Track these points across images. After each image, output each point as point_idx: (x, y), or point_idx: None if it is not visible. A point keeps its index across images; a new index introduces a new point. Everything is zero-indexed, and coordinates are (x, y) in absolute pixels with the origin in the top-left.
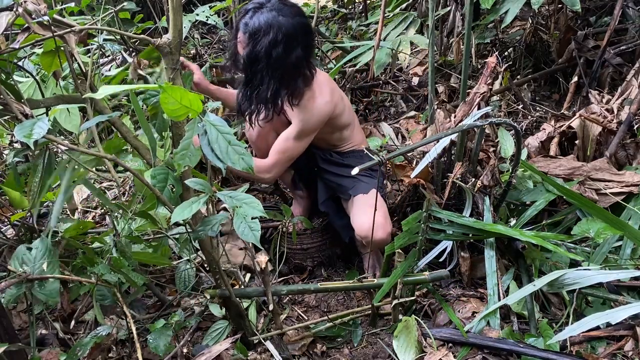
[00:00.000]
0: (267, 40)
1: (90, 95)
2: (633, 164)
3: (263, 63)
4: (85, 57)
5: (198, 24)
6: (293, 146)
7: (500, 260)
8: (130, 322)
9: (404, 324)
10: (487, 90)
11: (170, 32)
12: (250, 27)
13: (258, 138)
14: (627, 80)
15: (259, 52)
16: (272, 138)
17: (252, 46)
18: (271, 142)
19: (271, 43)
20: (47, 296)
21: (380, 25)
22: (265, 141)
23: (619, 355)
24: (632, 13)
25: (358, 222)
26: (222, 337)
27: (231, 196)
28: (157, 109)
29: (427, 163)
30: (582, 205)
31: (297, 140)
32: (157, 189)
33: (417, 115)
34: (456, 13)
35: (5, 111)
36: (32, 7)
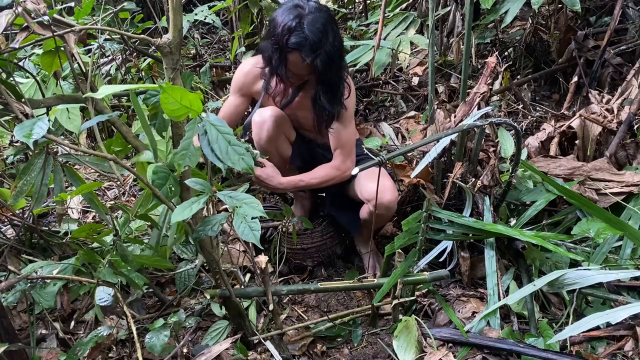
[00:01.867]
0: (332, 38)
1: (91, 95)
2: (633, 164)
3: (337, 62)
4: (85, 57)
5: (198, 24)
6: (349, 134)
7: (500, 260)
8: (130, 322)
9: (404, 324)
10: (487, 90)
11: (170, 32)
12: (315, 30)
13: (268, 142)
14: (627, 80)
15: (332, 52)
16: (282, 141)
17: (326, 48)
18: (280, 145)
19: (335, 40)
20: (43, 298)
21: (380, 25)
22: (275, 145)
23: (619, 355)
24: (632, 13)
25: (365, 188)
26: (222, 337)
27: (231, 196)
28: (157, 109)
29: (427, 163)
30: (582, 205)
31: (348, 127)
32: (156, 186)
33: (417, 115)
34: (456, 13)
35: (5, 111)
36: (32, 7)
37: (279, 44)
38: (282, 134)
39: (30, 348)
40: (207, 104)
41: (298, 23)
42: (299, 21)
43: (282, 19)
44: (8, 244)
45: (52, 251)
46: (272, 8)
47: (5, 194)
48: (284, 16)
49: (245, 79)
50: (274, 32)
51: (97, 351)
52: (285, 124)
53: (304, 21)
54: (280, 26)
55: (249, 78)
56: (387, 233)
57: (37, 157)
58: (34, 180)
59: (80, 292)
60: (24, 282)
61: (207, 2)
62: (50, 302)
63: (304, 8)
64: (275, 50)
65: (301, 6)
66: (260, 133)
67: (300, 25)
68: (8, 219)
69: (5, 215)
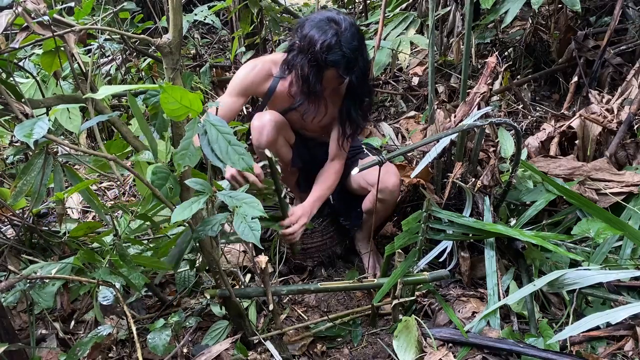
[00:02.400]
0: (364, 54)
1: (91, 96)
2: (633, 164)
3: (367, 77)
4: (85, 57)
5: (198, 24)
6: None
7: (500, 260)
8: (130, 322)
9: (404, 324)
10: (487, 90)
11: (170, 32)
12: (353, 48)
13: (268, 147)
14: (627, 80)
15: (365, 68)
16: (282, 145)
17: (360, 64)
18: (280, 149)
19: (367, 55)
20: (42, 298)
21: (380, 25)
22: (275, 149)
23: (619, 355)
24: (632, 13)
25: (369, 175)
26: (222, 337)
27: (231, 196)
28: (157, 109)
29: (427, 163)
30: (582, 205)
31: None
32: (156, 186)
33: (417, 115)
34: (456, 13)
35: (5, 111)
36: (32, 7)
37: (317, 61)
38: (282, 137)
39: (30, 348)
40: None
41: (336, 41)
42: (337, 39)
43: (319, 35)
44: (8, 244)
45: (52, 251)
46: (272, 8)
47: (5, 194)
48: (321, 33)
49: (254, 79)
50: (311, 48)
51: (97, 351)
52: (284, 128)
53: (341, 38)
54: (318, 43)
55: (259, 78)
56: (387, 233)
57: (37, 157)
58: (33, 180)
59: (80, 292)
60: (24, 282)
61: (207, 2)
62: (49, 302)
63: (339, 24)
64: (312, 66)
65: (336, 21)
66: (259, 138)
67: (339, 42)
68: (8, 219)
69: (5, 215)
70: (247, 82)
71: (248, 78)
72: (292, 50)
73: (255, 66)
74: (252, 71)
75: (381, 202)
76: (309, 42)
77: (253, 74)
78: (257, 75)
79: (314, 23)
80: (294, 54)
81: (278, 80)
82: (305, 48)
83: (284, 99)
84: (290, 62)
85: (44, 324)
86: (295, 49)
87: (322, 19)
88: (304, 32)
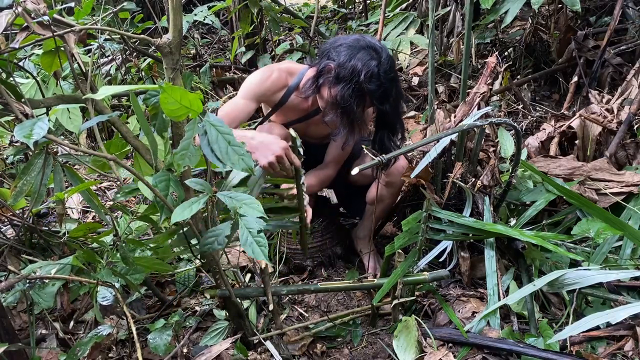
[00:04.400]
0: (399, 84)
1: (91, 96)
2: (633, 164)
3: (401, 105)
4: (85, 57)
5: (198, 24)
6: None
7: (500, 260)
8: (130, 322)
9: (404, 324)
10: (487, 90)
11: (170, 32)
12: (390, 79)
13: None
14: (627, 80)
15: (398, 97)
16: None
17: (394, 94)
18: None
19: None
20: (42, 298)
21: (380, 25)
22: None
23: (619, 355)
24: (632, 13)
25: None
26: (222, 337)
27: (231, 197)
28: (157, 109)
29: (427, 163)
30: (582, 205)
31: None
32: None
33: (417, 115)
34: (456, 13)
35: (5, 111)
36: (32, 7)
37: (361, 91)
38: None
39: (30, 348)
40: (207, 104)
41: (377, 72)
42: (377, 70)
43: (361, 65)
44: (8, 244)
45: (52, 251)
46: (272, 8)
47: (5, 194)
48: (363, 62)
49: (271, 87)
50: (355, 78)
51: (97, 351)
52: (288, 137)
53: (381, 69)
54: (362, 73)
55: (275, 87)
56: (387, 233)
57: (37, 157)
58: (33, 180)
59: (80, 292)
60: (24, 282)
61: (207, 2)
62: (49, 303)
63: (379, 52)
64: (356, 96)
65: (376, 49)
66: None
67: (379, 72)
68: (8, 219)
69: (5, 215)
70: (263, 89)
71: (264, 85)
72: (324, 74)
73: (272, 74)
74: (268, 79)
75: (388, 187)
76: (351, 71)
77: (270, 82)
78: (273, 84)
79: (354, 51)
80: (331, 80)
81: (292, 93)
82: (348, 77)
83: (294, 111)
84: (320, 85)
85: (44, 324)
86: (332, 74)
87: (362, 47)
88: (343, 59)
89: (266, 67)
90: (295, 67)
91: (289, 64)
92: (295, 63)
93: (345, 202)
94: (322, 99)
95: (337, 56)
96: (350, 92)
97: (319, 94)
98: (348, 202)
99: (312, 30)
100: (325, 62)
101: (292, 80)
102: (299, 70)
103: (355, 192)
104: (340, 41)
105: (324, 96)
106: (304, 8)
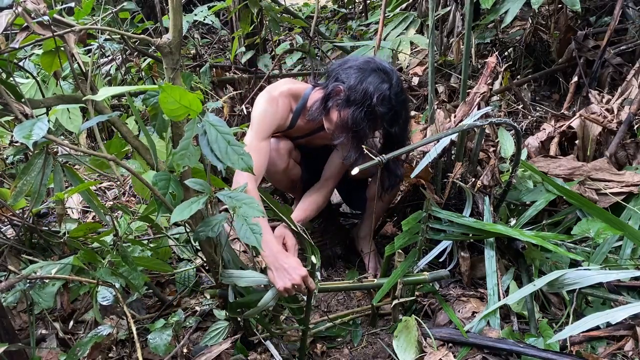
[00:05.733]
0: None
1: (91, 97)
2: (633, 164)
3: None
4: (85, 57)
5: (198, 24)
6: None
7: (500, 260)
8: (130, 322)
9: (404, 324)
10: (487, 90)
11: (170, 32)
12: (401, 101)
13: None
14: (627, 80)
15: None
16: (292, 167)
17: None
18: (290, 171)
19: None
20: (42, 298)
21: (380, 25)
22: (287, 174)
23: (619, 355)
24: (632, 13)
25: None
26: (222, 337)
27: (231, 196)
28: (157, 110)
29: (427, 163)
30: (582, 205)
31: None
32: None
33: (417, 115)
34: (456, 13)
35: (5, 111)
36: (32, 7)
37: (373, 114)
38: (292, 160)
39: (30, 348)
40: (207, 104)
41: (389, 95)
42: (389, 93)
43: (373, 88)
44: (8, 244)
45: (52, 251)
46: (272, 8)
47: (5, 194)
48: (375, 86)
49: (280, 121)
50: (367, 101)
51: (97, 351)
52: (292, 151)
53: (392, 92)
54: (375, 96)
55: (284, 117)
56: (387, 233)
57: (37, 157)
58: (33, 180)
59: (80, 292)
60: (24, 282)
61: (207, 2)
62: (49, 303)
63: (390, 75)
64: (368, 119)
65: (386, 72)
66: (275, 165)
67: (390, 96)
68: (8, 219)
69: (5, 215)
70: (275, 125)
71: (275, 120)
72: (333, 96)
73: (277, 104)
74: (277, 113)
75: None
76: (363, 94)
77: (279, 115)
78: (282, 117)
79: (365, 73)
80: (341, 103)
81: (299, 116)
82: (359, 100)
83: (300, 131)
84: (329, 108)
85: (44, 324)
86: (341, 97)
87: (373, 69)
88: (353, 82)
89: (269, 96)
90: (298, 88)
91: (289, 84)
92: (295, 82)
93: (346, 197)
94: (330, 121)
95: (347, 78)
96: (362, 115)
97: (327, 117)
98: (349, 197)
99: (312, 30)
100: (333, 84)
101: (297, 104)
102: (302, 91)
103: (355, 187)
104: (349, 63)
105: (332, 119)
106: (304, 8)
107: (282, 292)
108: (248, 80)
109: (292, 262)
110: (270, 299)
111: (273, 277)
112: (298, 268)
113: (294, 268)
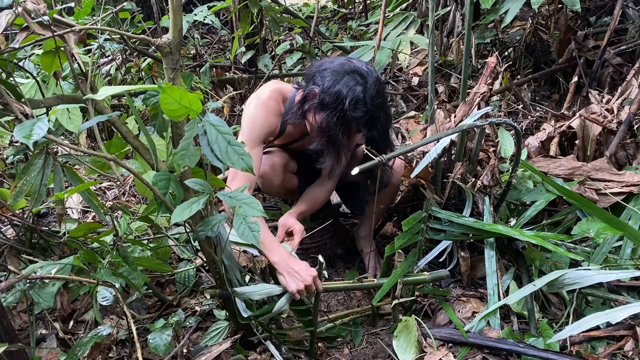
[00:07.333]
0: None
1: (91, 97)
2: (633, 164)
3: (388, 131)
4: (85, 57)
5: (198, 24)
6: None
7: (500, 260)
8: (130, 322)
9: (404, 324)
10: (487, 90)
11: (170, 32)
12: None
13: (279, 188)
14: (627, 80)
15: (386, 124)
16: (289, 178)
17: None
18: (287, 182)
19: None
20: (42, 298)
21: (380, 25)
22: (284, 186)
23: (619, 355)
24: (632, 13)
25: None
26: (222, 337)
27: (231, 196)
28: (157, 110)
29: (427, 163)
30: (582, 205)
31: None
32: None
33: (417, 115)
34: (456, 13)
35: (5, 111)
36: (32, 7)
37: (346, 118)
38: (288, 173)
39: (30, 348)
40: (207, 104)
41: (363, 98)
42: (363, 95)
43: (346, 91)
44: (8, 244)
45: (52, 251)
46: (272, 8)
47: (5, 194)
48: (348, 88)
49: (271, 127)
50: (339, 105)
51: (97, 351)
52: (288, 163)
53: (367, 95)
54: (347, 100)
55: (275, 122)
56: (387, 233)
57: (37, 157)
58: (33, 180)
59: (80, 292)
60: (24, 282)
61: (207, 2)
62: (49, 303)
63: (365, 78)
64: (340, 124)
65: (362, 74)
66: (272, 180)
67: (364, 99)
68: (8, 219)
69: (5, 215)
70: (266, 130)
71: (266, 125)
72: (309, 99)
73: (267, 109)
74: (267, 118)
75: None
76: (335, 98)
77: (269, 120)
78: (272, 121)
79: (338, 76)
80: (315, 106)
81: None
82: (332, 103)
83: (292, 134)
84: (305, 111)
85: (44, 324)
86: (316, 100)
87: (347, 71)
88: (327, 84)
89: (257, 101)
90: (286, 89)
91: (277, 84)
92: (281, 83)
93: (345, 198)
94: (310, 125)
95: (322, 81)
96: (335, 120)
97: (307, 120)
98: (347, 198)
99: (312, 30)
100: (310, 87)
101: (285, 106)
102: (288, 93)
103: (353, 187)
104: (325, 65)
105: (310, 123)
106: (304, 8)
107: (295, 295)
108: (248, 80)
109: (302, 264)
110: (285, 303)
111: (285, 282)
112: (308, 269)
113: (305, 270)
